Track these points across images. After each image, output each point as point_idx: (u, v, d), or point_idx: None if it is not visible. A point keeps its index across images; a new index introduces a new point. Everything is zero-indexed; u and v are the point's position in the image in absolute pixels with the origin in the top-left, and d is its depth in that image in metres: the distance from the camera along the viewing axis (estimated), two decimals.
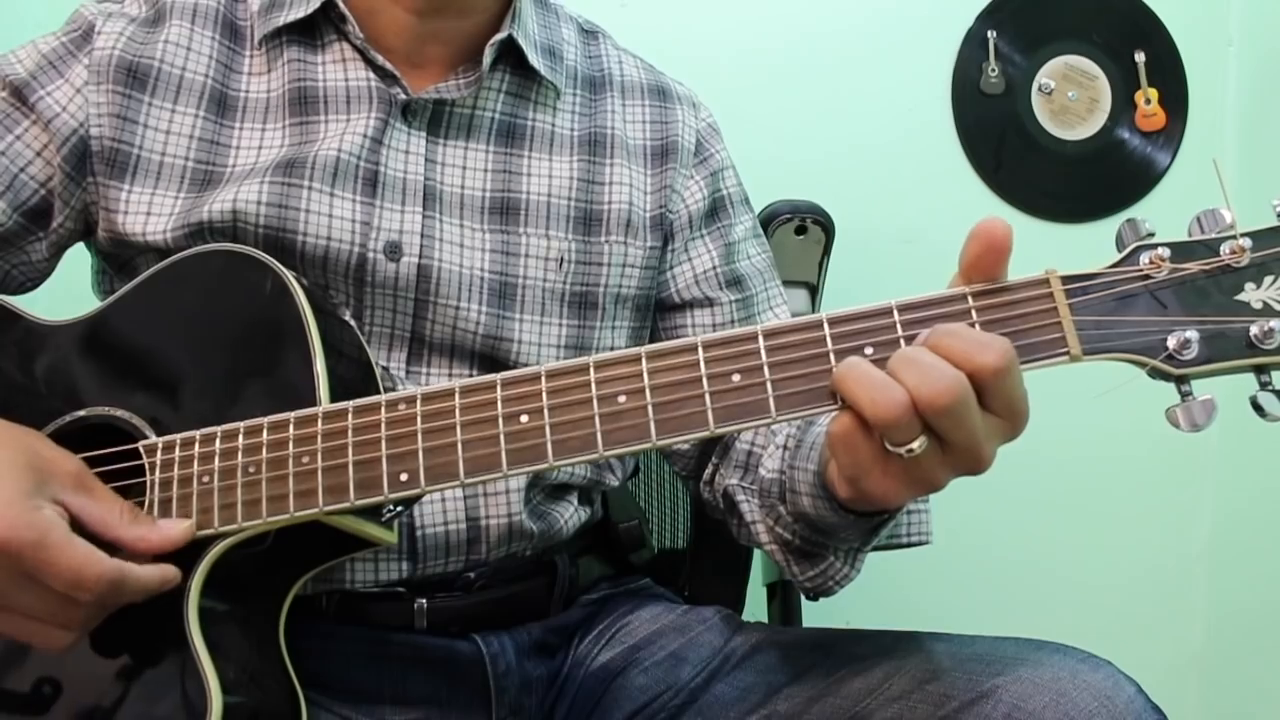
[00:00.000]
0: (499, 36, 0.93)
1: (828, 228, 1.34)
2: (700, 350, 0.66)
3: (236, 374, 0.77)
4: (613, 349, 0.87)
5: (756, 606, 1.29)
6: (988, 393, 0.61)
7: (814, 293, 1.36)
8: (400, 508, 0.78)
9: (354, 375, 0.79)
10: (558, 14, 1.04)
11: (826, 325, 0.65)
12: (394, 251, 0.88)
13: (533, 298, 0.93)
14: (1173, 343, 0.62)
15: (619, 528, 1.04)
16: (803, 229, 1.33)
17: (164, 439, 0.75)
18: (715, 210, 1.02)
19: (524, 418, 0.68)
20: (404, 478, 0.69)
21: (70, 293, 0.96)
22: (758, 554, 1.25)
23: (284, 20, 0.91)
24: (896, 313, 0.64)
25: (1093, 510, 1.66)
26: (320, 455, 0.71)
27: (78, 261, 0.98)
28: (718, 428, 0.65)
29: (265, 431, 0.73)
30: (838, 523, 0.76)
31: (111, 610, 0.69)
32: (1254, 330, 0.61)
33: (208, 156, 0.89)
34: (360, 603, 0.87)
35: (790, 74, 1.59)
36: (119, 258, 0.91)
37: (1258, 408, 0.62)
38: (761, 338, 0.65)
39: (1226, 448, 1.64)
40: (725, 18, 1.58)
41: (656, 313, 1.02)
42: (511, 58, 0.96)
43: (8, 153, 0.88)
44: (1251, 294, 0.62)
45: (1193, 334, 0.61)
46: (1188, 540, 1.69)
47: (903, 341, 0.64)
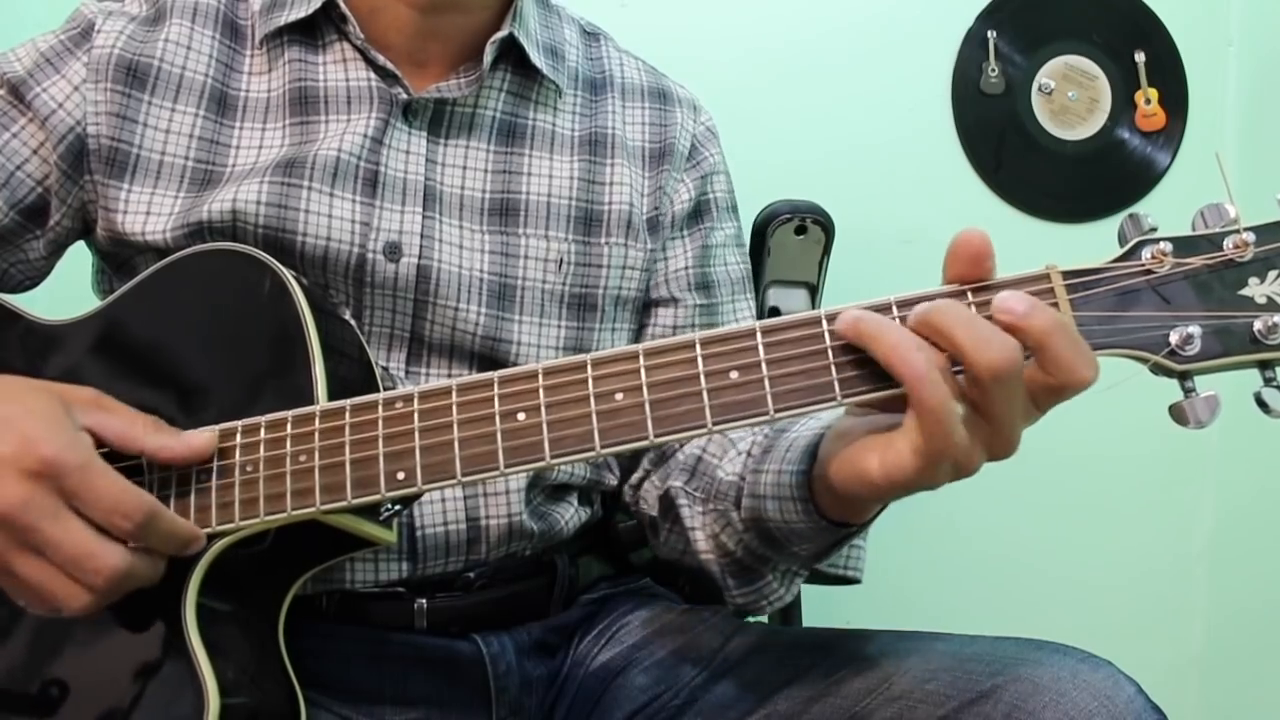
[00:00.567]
0: (500, 34, 0.93)
1: (828, 228, 1.34)
2: (698, 347, 0.66)
3: (235, 373, 0.77)
4: None
5: None
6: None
7: (814, 293, 1.36)
8: (399, 507, 0.77)
9: (353, 375, 0.79)
10: (560, 15, 1.04)
11: (825, 322, 0.64)
12: (393, 252, 0.88)
13: (532, 299, 0.93)
14: (1175, 338, 0.61)
15: (619, 527, 1.04)
16: (803, 229, 1.33)
17: None
18: (699, 212, 1.02)
19: (521, 416, 0.68)
20: (401, 476, 0.69)
21: (70, 293, 0.96)
22: None
23: (285, 20, 0.91)
24: (895, 308, 0.64)
25: (1093, 509, 1.66)
26: (317, 454, 0.71)
27: (78, 261, 0.98)
28: (715, 425, 0.65)
29: (263, 430, 0.73)
30: (804, 529, 0.74)
31: (131, 582, 0.68)
32: (1258, 325, 0.61)
33: (207, 156, 0.89)
34: (360, 603, 0.87)
35: (790, 74, 1.59)
36: (118, 257, 0.91)
37: (1262, 404, 0.62)
38: (760, 334, 0.65)
39: (1228, 446, 1.64)
40: (725, 18, 1.58)
41: None
42: (513, 56, 0.95)
43: (4, 150, 0.88)
44: (1255, 289, 0.61)
45: (1196, 329, 0.61)
46: (1188, 540, 1.69)
47: None
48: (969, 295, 0.64)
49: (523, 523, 0.90)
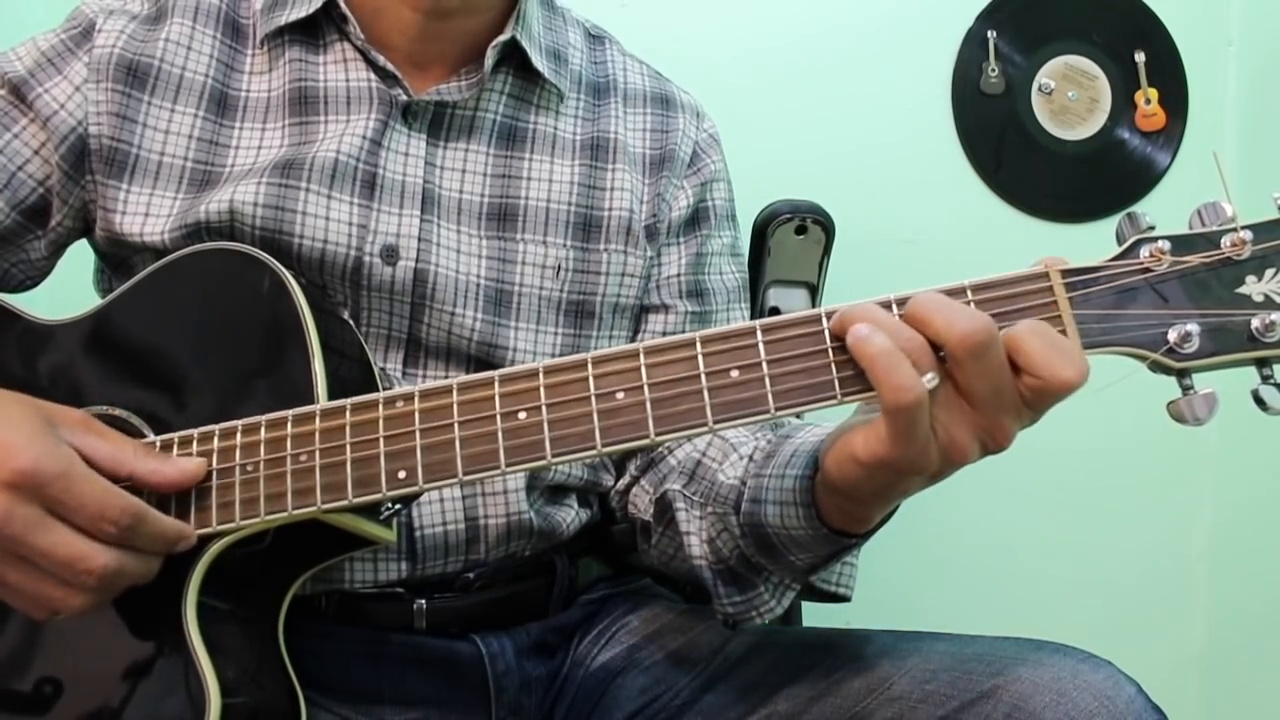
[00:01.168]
0: (502, 38, 0.92)
1: (828, 228, 1.34)
2: (698, 346, 0.66)
3: (235, 372, 0.77)
4: None
5: None
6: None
7: (814, 293, 1.36)
8: (399, 506, 0.77)
9: (352, 374, 0.79)
10: (564, 17, 1.04)
11: (825, 320, 0.65)
12: (390, 255, 0.88)
13: (528, 305, 0.92)
14: (1174, 336, 0.62)
15: (614, 530, 1.03)
16: (803, 229, 1.33)
17: (162, 437, 0.75)
18: (696, 219, 1.02)
19: (522, 414, 0.68)
20: (402, 475, 0.69)
21: (70, 292, 0.96)
22: None
23: (285, 20, 0.91)
24: (895, 307, 0.64)
25: (1093, 509, 1.66)
26: (318, 453, 0.71)
27: (78, 261, 0.98)
28: (716, 423, 0.65)
29: (263, 429, 0.73)
30: (802, 536, 0.73)
31: (124, 579, 0.68)
32: (1255, 323, 0.61)
33: (207, 156, 0.89)
34: (359, 603, 0.87)
35: (790, 74, 1.58)
36: (116, 257, 0.91)
37: (1259, 401, 0.62)
38: (760, 333, 0.65)
39: (1227, 446, 1.64)
40: (725, 18, 1.58)
41: None
42: (515, 60, 0.95)
43: (5, 151, 0.88)
44: (1253, 287, 0.62)
45: (1194, 327, 0.61)
46: (1188, 540, 1.68)
47: None
48: (969, 294, 0.64)
49: (521, 523, 0.90)
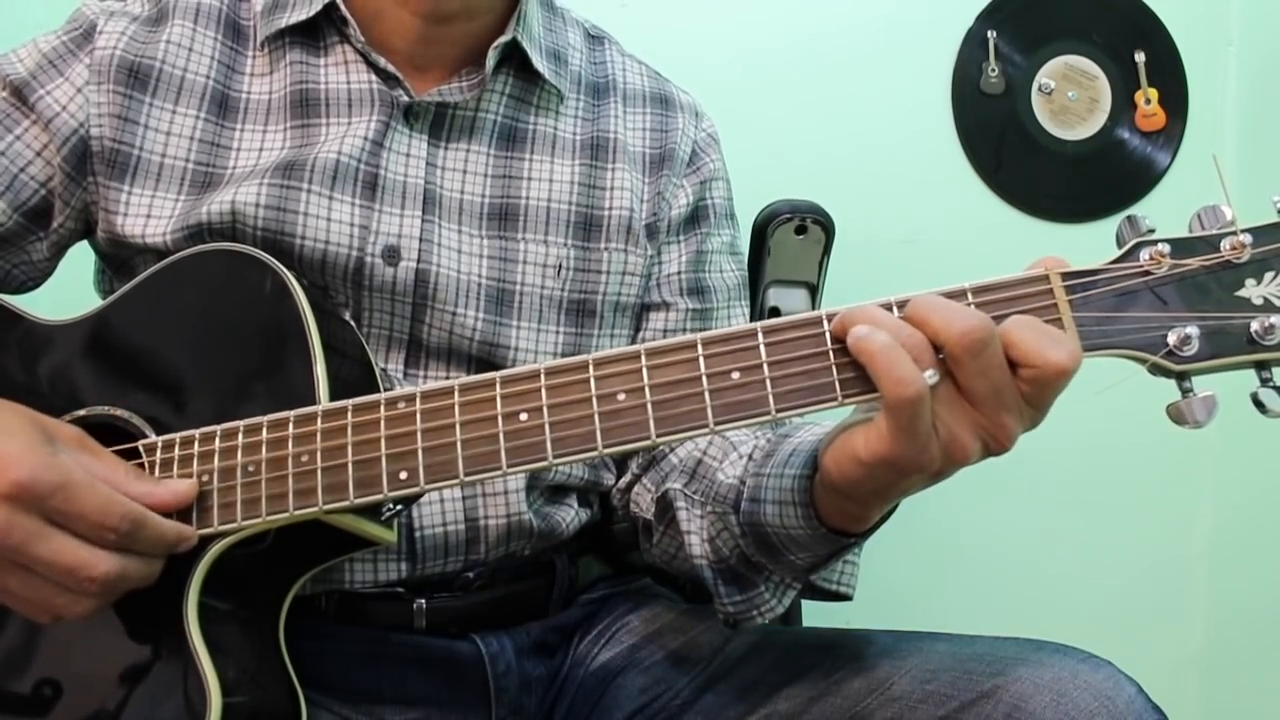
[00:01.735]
0: (503, 39, 0.92)
1: (828, 228, 1.34)
2: (700, 348, 0.66)
3: (236, 373, 0.77)
4: None
5: None
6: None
7: (814, 293, 1.36)
8: (400, 506, 0.77)
9: (354, 375, 0.79)
10: (564, 18, 1.04)
11: (825, 322, 0.65)
12: (392, 256, 0.88)
13: (530, 305, 0.93)
14: (1173, 339, 0.62)
15: (615, 529, 1.04)
16: (803, 229, 1.33)
17: (163, 438, 0.75)
18: (696, 217, 1.02)
19: (523, 416, 0.68)
20: (403, 476, 0.69)
21: (71, 293, 0.96)
22: None
23: (286, 22, 0.91)
24: (895, 309, 0.64)
25: (1093, 509, 1.66)
26: (319, 454, 0.71)
27: (78, 261, 0.98)
28: (717, 425, 0.65)
29: (265, 430, 0.73)
30: (801, 536, 0.73)
31: (126, 583, 0.69)
32: (1255, 326, 0.61)
33: (208, 158, 0.89)
34: (359, 603, 0.87)
35: (790, 74, 1.59)
36: (117, 258, 0.91)
37: (1258, 404, 0.62)
38: (761, 334, 0.65)
39: (1227, 447, 1.64)
40: (725, 18, 1.58)
41: None
42: (515, 61, 0.95)
43: (8, 153, 0.88)
44: (1252, 290, 0.62)
45: (1193, 330, 0.62)
46: (1188, 540, 1.69)
47: None
48: (969, 296, 0.64)
49: (521, 523, 0.90)
